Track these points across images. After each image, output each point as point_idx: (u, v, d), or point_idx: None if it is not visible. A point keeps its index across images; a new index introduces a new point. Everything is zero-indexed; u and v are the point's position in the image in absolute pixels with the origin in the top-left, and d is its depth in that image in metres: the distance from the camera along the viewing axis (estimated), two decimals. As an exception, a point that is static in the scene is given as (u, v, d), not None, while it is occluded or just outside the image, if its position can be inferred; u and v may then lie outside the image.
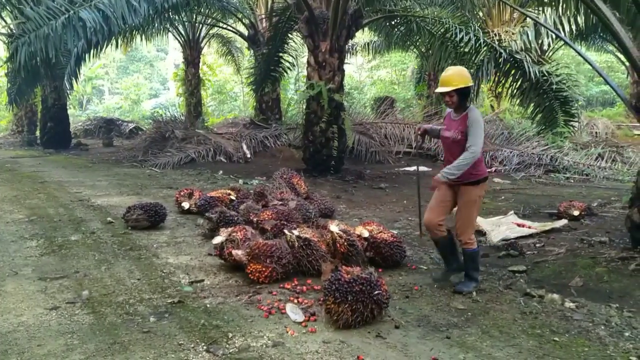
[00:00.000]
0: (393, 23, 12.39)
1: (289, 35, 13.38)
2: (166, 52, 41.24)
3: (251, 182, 9.49)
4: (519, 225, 6.31)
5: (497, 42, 10.14)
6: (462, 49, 10.34)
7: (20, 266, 4.58)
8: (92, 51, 9.86)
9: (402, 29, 12.24)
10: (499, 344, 3.24)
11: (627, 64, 13.75)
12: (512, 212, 7.03)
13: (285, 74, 14.57)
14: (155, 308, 3.71)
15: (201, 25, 18.44)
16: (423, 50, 13.09)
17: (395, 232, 5.31)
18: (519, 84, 10.05)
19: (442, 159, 12.83)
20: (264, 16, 15.74)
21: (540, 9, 9.98)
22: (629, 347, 3.21)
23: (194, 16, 16.26)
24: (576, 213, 6.78)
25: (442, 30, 10.47)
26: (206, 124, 18.26)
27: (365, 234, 4.76)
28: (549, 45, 15.01)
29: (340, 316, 3.37)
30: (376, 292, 3.44)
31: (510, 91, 10.37)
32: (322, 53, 10.35)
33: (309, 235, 4.56)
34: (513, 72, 10.03)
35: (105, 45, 10.01)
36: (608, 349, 3.18)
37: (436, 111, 15.99)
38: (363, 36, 19.99)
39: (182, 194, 7.09)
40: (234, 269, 4.51)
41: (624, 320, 3.60)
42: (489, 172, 11.65)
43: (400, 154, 13.47)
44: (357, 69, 31.24)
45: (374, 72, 31.17)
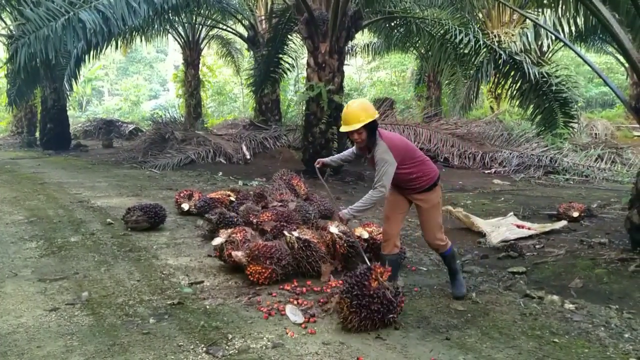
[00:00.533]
0: (393, 24, 12.42)
1: (289, 36, 13.40)
2: (166, 54, 41.31)
3: (251, 184, 9.49)
4: (518, 226, 6.31)
5: (496, 44, 10.16)
6: (461, 50, 10.36)
7: (19, 267, 4.58)
8: (91, 52, 9.86)
9: (401, 30, 12.27)
10: (498, 345, 3.24)
11: (627, 65, 13.77)
12: (512, 213, 7.03)
13: (285, 75, 14.58)
14: (154, 309, 3.71)
15: (201, 27, 18.47)
16: (423, 51, 13.14)
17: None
18: (518, 85, 10.06)
19: (441, 160, 12.96)
20: (263, 17, 15.75)
21: (540, 10, 9.97)
22: (628, 348, 3.22)
23: (194, 17, 16.29)
24: (576, 214, 6.78)
25: (442, 32, 10.49)
26: (206, 125, 18.29)
27: (365, 235, 4.77)
28: (548, 47, 15.05)
29: (346, 321, 3.35)
30: (391, 315, 3.36)
31: (509, 92, 10.39)
32: (322, 54, 10.35)
33: (308, 236, 4.56)
34: (513, 73, 10.04)
35: (105, 47, 10.00)
36: (608, 350, 3.18)
37: (436, 112, 16.03)
38: (363, 37, 20.00)
39: (182, 195, 7.08)
40: (234, 270, 4.51)
41: (624, 322, 3.60)
42: (489, 173, 11.70)
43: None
44: (357, 70, 31.27)
45: (373, 74, 31.23)
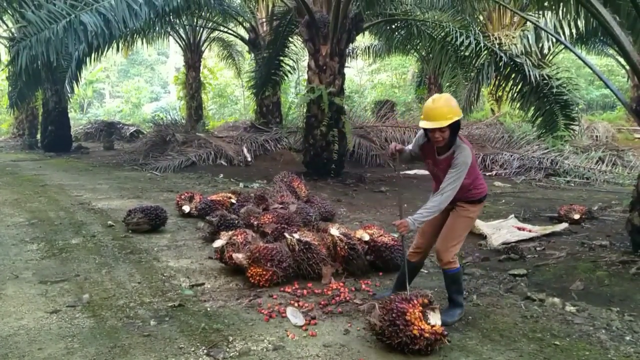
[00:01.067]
0: (393, 27, 12.42)
1: (290, 39, 13.42)
2: (167, 56, 41.34)
3: (252, 186, 9.49)
4: (519, 228, 6.31)
5: (497, 46, 10.16)
6: (462, 53, 10.37)
7: (20, 269, 4.58)
8: (93, 55, 9.89)
9: (402, 32, 12.27)
10: (499, 347, 3.24)
11: (628, 67, 13.75)
12: (513, 215, 7.03)
13: (286, 77, 14.60)
14: (155, 311, 3.71)
15: (202, 29, 18.50)
16: (423, 54, 13.14)
17: (396, 235, 5.30)
18: (519, 87, 10.07)
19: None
20: (264, 20, 15.77)
21: (541, 12, 9.98)
22: (629, 351, 3.21)
23: (195, 20, 16.29)
24: (577, 217, 6.78)
25: (443, 34, 10.50)
26: (207, 127, 18.33)
27: (366, 237, 4.76)
28: (549, 49, 15.02)
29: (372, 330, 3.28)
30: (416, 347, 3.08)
31: (510, 95, 10.39)
32: (323, 57, 10.36)
33: (309, 238, 4.56)
34: (513, 75, 10.05)
35: (106, 49, 10.03)
36: (609, 353, 3.18)
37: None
38: (363, 40, 20.01)
39: (183, 197, 7.09)
40: (235, 273, 4.51)
41: (625, 324, 3.60)
42: (490, 175, 11.69)
43: (401, 157, 13.45)
44: (358, 72, 31.26)
45: (374, 76, 31.23)
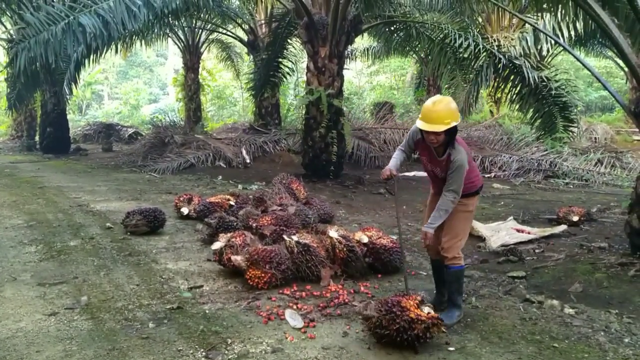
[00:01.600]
0: (392, 29, 12.44)
1: (289, 40, 13.42)
2: (166, 57, 41.30)
3: (250, 188, 9.49)
4: (518, 230, 6.31)
5: (496, 48, 10.17)
6: (461, 55, 10.38)
7: (19, 272, 4.57)
8: (91, 56, 9.87)
9: (401, 34, 12.29)
10: (498, 350, 3.24)
11: (626, 69, 13.80)
12: (512, 217, 7.04)
13: (285, 79, 14.59)
14: (154, 314, 3.70)
15: (201, 31, 18.51)
16: (422, 55, 13.16)
17: (395, 237, 5.30)
18: (518, 89, 10.07)
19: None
20: (263, 22, 15.79)
21: (539, 14, 10.00)
22: (628, 353, 3.21)
23: (194, 21, 16.31)
24: (575, 219, 6.78)
25: (442, 36, 10.51)
26: (205, 129, 18.31)
27: (365, 239, 4.76)
28: (548, 51, 15.02)
29: (371, 330, 3.30)
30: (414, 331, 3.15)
31: (509, 96, 10.39)
32: (322, 58, 10.37)
33: (308, 240, 4.56)
34: (512, 77, 10.05)
35: (105, 51, 10.01)
36: (608, 355, 3.18)
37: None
38: (362, 42, 20.04)
39: (182, 199, 7.08)
40: (233, 275, 4.50)
41: (624, 326, 3.60)
42: (488, 177, 11.70)
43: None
44: (357, 74, 31.27)
45: (373, 78, 31.23)
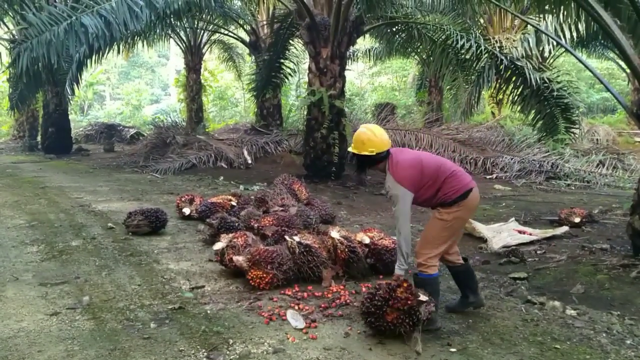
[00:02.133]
0: (394, 30, 12.43)
1: (290, 41, 13.43)
2: (167, 58, 41.33)
3: (252, 188, 9.49)
4: (520, 232, 6.31)
5: (498, 49, 10.17)
6: (463, 56, 10.39)
7: (20, 272, 4.58)
8: (93, 57, 9.91)
9: (403, 35, 12.29)
10: (500, 351, 3.23)
11: (628, 71, 13.78)
12: (513, 218, 7.03)
13: (287, 80, 14.60)
14: (155, 314, 3.70)
15: (203, 32, 18.50)
16: (424, 56, 13.12)
17: (396, 238, 5.29)
18: (519, 90, 10.07)
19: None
20: (265, 22, 15.79)
21: (541, 16, 10.00)
22: (630, 354, 3.20)
23: (196, 22, 16.32)
24: (577, 220, 6.77)
25: (443, 37, 10.52)
26: (207, 129, 18.30)
27: (366, 240, 4.75)
28: (549, 52, 15.04)
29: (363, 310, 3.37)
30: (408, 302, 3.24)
31: (511, 98, 10.40)
32: (324, 59, 10.37)
33: (309, 241, 4.55)
34: (514, 78, 10.06)
35: (107, 51, 10.05)
36: (609, 357, 3.17)
37: (437, 117, 16.03)
38: (364, 43, 20.02)
39: (183, 199, 7.08)
40: (235, 275, 4.50)
41: (626, 328, 3.59)
42: (490, 178, 11.67)
43: (401, 160, 13.45)
44: (358, 75, 31.28)
45: (375, 79, 31.23)
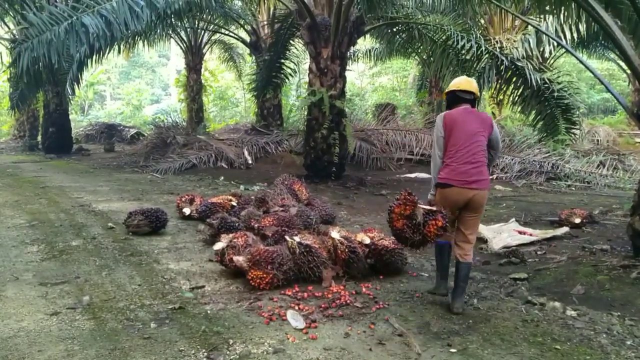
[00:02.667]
0: (395, 30, 12.43)
1: (291, 41, 13.44)
2: (168, 58, 41.35)
3: (252, 188, 9.49)
4: (520, 232, 6.31)
5: (498, 50, 10.18)
6: (463, 56, 10.37)
7: (21, 271, 4.57)
8: (94, 57, 9.90)
9: (403, 36, 12.29)
10: (500, 351, 3.23)
11: (629, 71, 13.79)
12: (514, 219, 7.03)
13: (287, 80, 14.61)
14: (156, 314, 3.70)
15: (203, 32, 18.52)
16: (424, 57, 13.12)
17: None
18: (520, 91, 10.07)
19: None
20: (265, 23, 15.80)
21: (542, 16, 10.01)
22: (630, 355, 3.20)
23: (196, 22, 16.33)
24: (577, 221, 6.77)
25: (444, 38, 10.51)
26: (207, 129, 18.32)
27: (367, 240, 4.75)
28: (550, 53, 15.06)
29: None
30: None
31: (511, 98, 10.39)
32: (324, 60, 10.37)
33: (310, 241, 4.55)
34: (514, 79, 10.05)
35: (108, 51, 10.05)
36: (610, 358, 3.17)
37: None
38: (365, 43, 20.02)
39: (183, 199, 7.08)
40: (235, 275, 4.50)
41: (626, 329, 3.59)
42: (490, 179, 11.66)
43: (402, 160, 13.49)
44: (359, 75, 31.28)
45: (375, 79, 31.24)
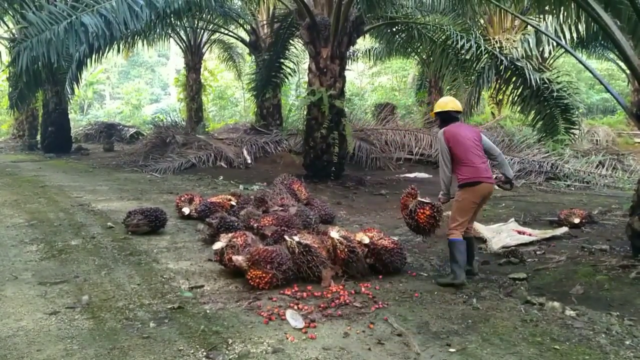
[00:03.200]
0: (394, 30, 12.44)
1: (290, 41, 13.44)
2: (167, 58, 41.30)
3: (252, 188, 9.49)
4: (519, 232, 6.31)
5: (498, 50, 10.17)
6: (463, 56, 10.38)
7: (20, 270, 4.57)
8: (93, 56, 9.89)
9: (403, 35, 12.29)
10: (499, 351, 3.23)
11: (628, 72, 13.78)
12: (513, 219, 7.03)
13: (286, 80, 14.61)
14: (155, 313, 3.70)
15: (203, 31, 18.51)
16: (424, 57, 13.14)
17: (396, 238, 5.29)
18: (519, 91, 10.07)
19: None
20: (265, 22, 15.79)
21: (541, 16, 10.02)
22: (629, 355, 3.20)
23: (196, 22, 16.32)
24: (577, 221, 6.77)
25: (443, 37, 10.52)
26: (207, 129, 18.33)
27: (366, 240, 4.75)
28: (549, 53, 15.06)
29: None
30: None
31: (511, 98, 10.39)
32: (324, 59, 10.37)
33: (309, 241, 4.55)
34: (514, 79, 10.05)
35: (107, 50, 10.03)
36: (609, 358, 3.17)
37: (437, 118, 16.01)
38: (364, 43, 20.02)
39: (183, 199, 7.08)
40: (234, 275, 4.50)
41: (625, 329, 3.59)
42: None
43: (401, 160, 13.49)
44: (358, 75, 31.27)
45: (374, 79, 31.23)
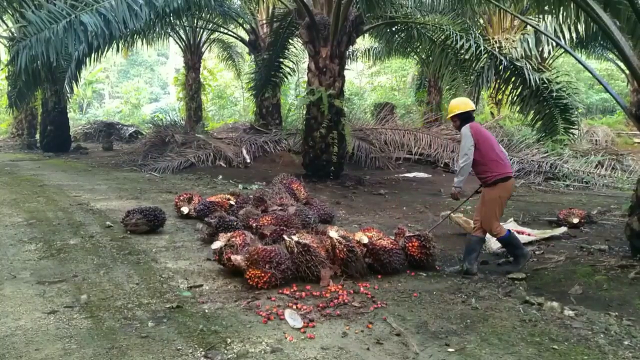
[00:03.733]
0: (394, 29, 12.42)
1: (290, 41, 13.43)
2: (167, 57, 41.33)
3: (251, 187, 9.48)
4: (518, 232, 6.29)
5: (497, 50, 10.18)
6: (462, 56, 10.37)
7: (18, 270, 4.57)
8: (92, 55, 9.85)
9: (402, 35, 12.28)
10: (498, 351, 3.23)
11: (627, 72, 13.80)
12: (512, 219, 7.03)
13: (286, 79, 14.61)
14: (153, 313, 3.70)
15: (202, 30, 18.51)
16: (423, 56, 13.11)
17: (394, 238, 5.29)
18: (519, 91, 10.07)
19: (441, 165, 13.00)
20: (264, 22, 15.79)
21: (541, 16, 10.02)
22: (628, 355, 3.21)
23: (195, 21, 16.31)
24: (576, 221, 6.78)
25: (443, 37, 10.51)
26: (206, 128, 18.32)
27: (365, 240, 4.76)
28: (549, 53, 15.07)
29: None
30: None
31: (510, 98, 10.40)
32: (323, 59, 10.37)
33: (308, 241, 4.55)
34: (513, 79, 10.06)
35: (106, 49, 10.00)
36: (607, 358, 3.17)
37: (436, 117, 16.04)
38: (364, 42, 20.04)
39: (182, 198, 7.08)
40: (233, 274, 4.50)
41: (624, 329, 3.59)
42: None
43: (400, 160, 13.49)
44: (358, 75, 31.30)
45: (374, 78, 31.25)
